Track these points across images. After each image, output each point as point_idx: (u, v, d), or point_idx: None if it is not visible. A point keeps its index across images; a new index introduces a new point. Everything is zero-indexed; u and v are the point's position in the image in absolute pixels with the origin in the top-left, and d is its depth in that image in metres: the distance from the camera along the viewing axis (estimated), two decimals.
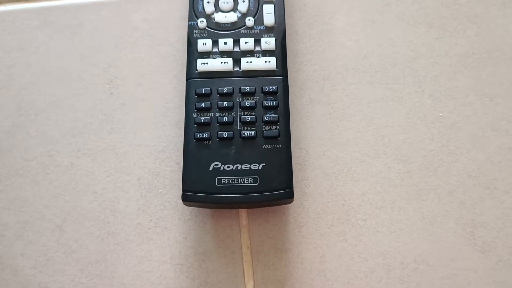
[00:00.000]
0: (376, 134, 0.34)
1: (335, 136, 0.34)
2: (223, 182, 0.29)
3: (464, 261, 0.31)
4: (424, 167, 0.33)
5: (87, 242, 0.32)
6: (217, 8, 0.34)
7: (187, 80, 0.32)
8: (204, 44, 0.33)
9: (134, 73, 0.36)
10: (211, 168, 0.30)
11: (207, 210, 0.33)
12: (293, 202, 0.32)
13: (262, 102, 0.31)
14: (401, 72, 0.36)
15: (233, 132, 0.31)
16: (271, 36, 0.33)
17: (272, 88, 0.32)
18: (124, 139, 0.35)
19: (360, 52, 0.36)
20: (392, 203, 0.32)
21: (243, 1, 0.34)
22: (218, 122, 0.31)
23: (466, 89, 0.35)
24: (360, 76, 0.36)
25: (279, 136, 0.31)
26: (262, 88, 0.32)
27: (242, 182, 0.29)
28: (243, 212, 0.33)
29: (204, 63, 0.32)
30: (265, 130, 0.31)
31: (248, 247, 0.32)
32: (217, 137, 0.30)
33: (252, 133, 0.30)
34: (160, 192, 0.33)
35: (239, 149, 0.30)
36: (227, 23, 0.34)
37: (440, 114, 0.34)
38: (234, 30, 0.34)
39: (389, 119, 0.34)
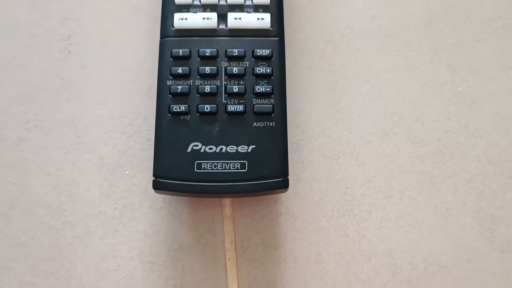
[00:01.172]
0: (385, 110, 0.29)
1: (337, 111, 0.29)
2: (204, 168, 0.25)
3: (480, 262, 0.27)
4: (439, 151, 0.29)
5: (39, 234, 0.27)
6: None
7: (161, 39, 0.27)
8: None
9: (97, 28, 0.30)
10: (189, 150, 0.25)
11: (184, 198, 0.28)
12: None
13: (253, 69, 0.26)
14: (415, 38, 0.31)
15: (217, 106, 0.26)
16: None
17: (265, 52, 0.27)
18: (84, 109, 0.29)
19: (368, 11, 0.31)
20: (401, 193, 0.28)
21: None
22: (198, 93, 0.26)
23: (490, 60, 0.31)
24: (368, 40, 0.31)
25: (272, 112, 0.26)
26: (253, 51, 0.27)
27: (227, 167, 0.25)
28: (226, 201, 0.28)
29: (182, 18, 0.27)
30: (256, 104, 0.26)
31: (232, 242, 0.27)
32: (197, 112, 0.26)
33: (240, 108, 0.26)
34: (127, 174, 0.28)
35: (224, 127, 0.25)
36: None
37: (459, 89, 0.30)
38: None
39: (400, 93, 0.30)
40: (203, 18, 0.27)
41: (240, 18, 0.27)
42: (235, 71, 0.26)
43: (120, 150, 0.28)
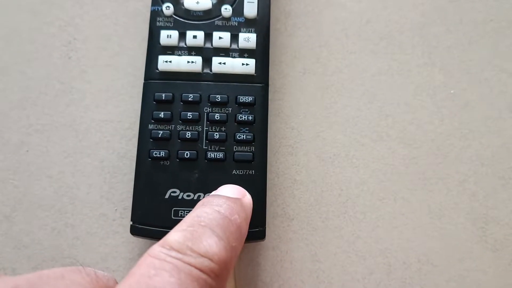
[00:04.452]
0: (379, 113, 0.30)
1: (332, 114, 0.30)
2: (181, 215, 0.25)
3: (473, 261, 0.28)
4: (432, 153, 0.29)
5: (41, 235, 0.28)
6: None
7: (144, 81, 0.27)
8: (168, 37, 0.27)
9: (96, 34, 0.31)
10: (167, 196, 0.25)
11: None
12: (283, 191, 0.29)
13: (235, 115, 0.26)
14: (409, 41, 0.31)
15: (197, 152, 0.26)
16: (251, 32, 0.28)
17: (248, 99, 0.26)
18: (84, 113, 0.30)
19: (362, 15, 0.32)
20: (395, 194, 0.29)
21: None
22: (179, 138, 0.26)
23: (482, 63, 0.31)
24: (362, 44, 0.31)
25: (253, 160, 0.26)
26: (236, 97, 0.26)
27: None
28: None
29: (166, 61, 0.27)
30: (237, 151, 0.26)
31: None
32: (177, 157, 0.26)
33: (220, 155, 0.26)
34: (127, 177, 0.28)
35: (203, 174, 0.25)
36: (199, 11, 0.28)
37: (452, 91, 0.30)
38: (207, 20, 0.28)
39: (394, 96, 0.30)
40: (188, 62, 0.27)
41: (224, 63, 0.27)
42: (217, 117, 0.26)
43: (119, 153, 0.29)
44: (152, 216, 0.25)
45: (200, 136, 0.26)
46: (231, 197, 0.22)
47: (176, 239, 0.18)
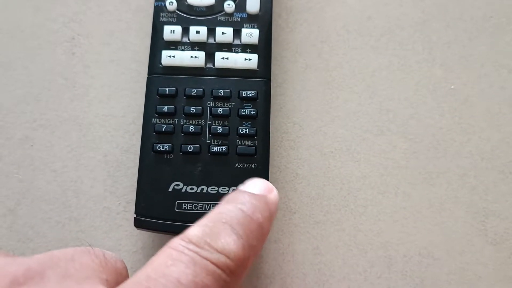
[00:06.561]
0: (380, 108, 0.30)
1: (334, 109, 0.30)
2: (185, 208, 0.25)
3: (473, 254, 0.28)
4: (433, 147, 0.29)
5: (45, 229, 0.28)
6: None
7: (148, 75, 0.27)
8: (171, 32, 0.27)
9: (100, 30, 0.31)
10: (170, 189, 0.25)
11: None
12: (285, 185, 0.29)
13: (238, 109, 0.26)
14: (410, 37, 0.31)
15: (200, 146, 0.26)
16: (254, 27, 0.28)
17: (251, 93, 0.27)
18: (88, 108, 0.30)
19: (363, 11, 0.32)
20: (396, 188, 0.29)
21: None
22: (182, 132, 0.26)
23: (482, 59, 0.31)
24: (363, 39, 0.31)
25: (255, 154, 0.26)
26: (239, 92, 0.27)
27: (207, 208, 0.25)
28: None
29: (170, 56, 0.27)
30: (239, 145, 0.26)
31: None
32: (181, 151, 0.26)
33: (223, 149, 0.26)
34: (130, 171, 0.29)
35: (206, 168, 0.26)
36: (202, 7, 0.28)
37: (452, 87, 0.31)
38: (210, 16, 0.28)
39: (394, 91, 0.30)
40: (191, 57, 0.27)
41: (227, 58, 0.27)
42: (220, 111, 0.26)
43: (123, 148, 0.29)
44: (156, 208, 0.25)
45: (203, 130, 0.26)
46: (256, 194, 0.22)
47: (195, 233, 0.18)
